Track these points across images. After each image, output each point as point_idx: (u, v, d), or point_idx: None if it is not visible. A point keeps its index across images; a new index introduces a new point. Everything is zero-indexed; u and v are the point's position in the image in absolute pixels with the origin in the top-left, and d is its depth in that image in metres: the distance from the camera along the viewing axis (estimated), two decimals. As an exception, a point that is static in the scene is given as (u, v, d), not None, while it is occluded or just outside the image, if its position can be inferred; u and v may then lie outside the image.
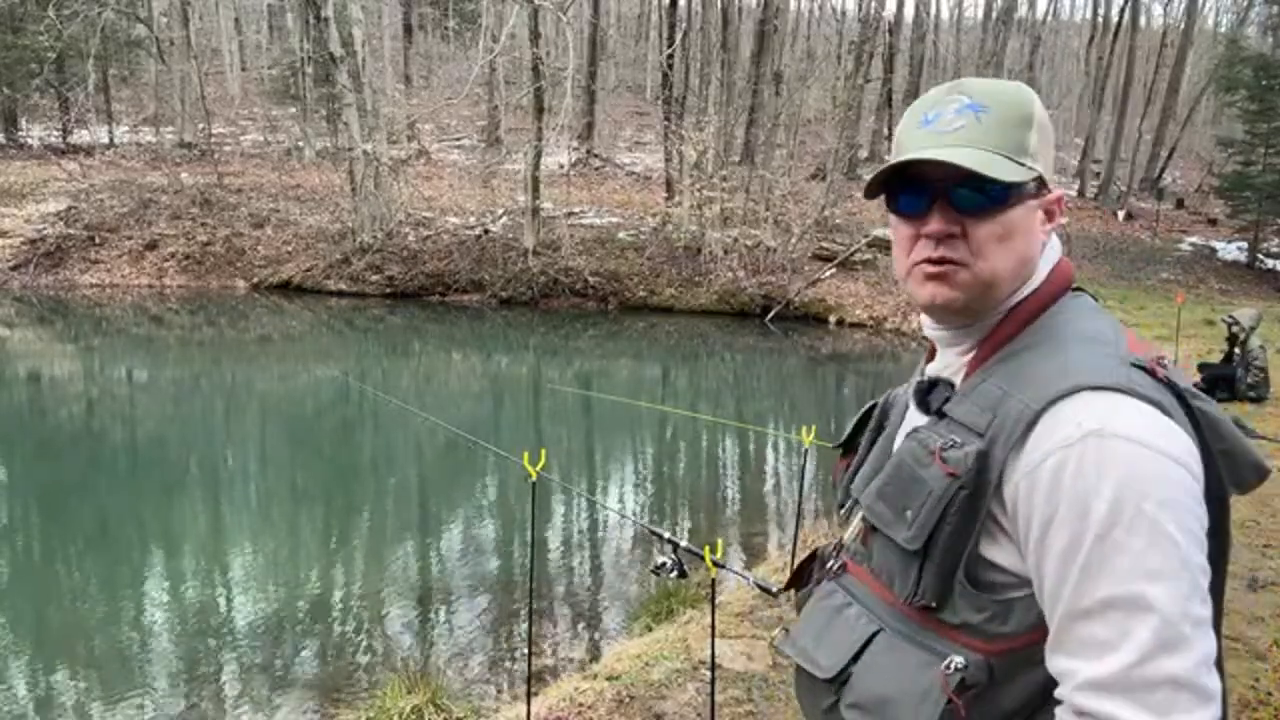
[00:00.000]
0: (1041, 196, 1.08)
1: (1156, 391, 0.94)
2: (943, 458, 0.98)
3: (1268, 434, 7.53)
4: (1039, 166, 1.06)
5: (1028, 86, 1.09)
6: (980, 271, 1.04)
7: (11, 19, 25.05)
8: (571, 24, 20.07)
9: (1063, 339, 1.02)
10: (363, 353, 15.70)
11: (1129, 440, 0.89)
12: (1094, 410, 0.91)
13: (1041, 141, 1.07)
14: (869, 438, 1.30)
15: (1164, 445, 0.89)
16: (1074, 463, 0.89)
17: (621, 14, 49.04)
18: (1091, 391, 0.92)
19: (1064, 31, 50.11)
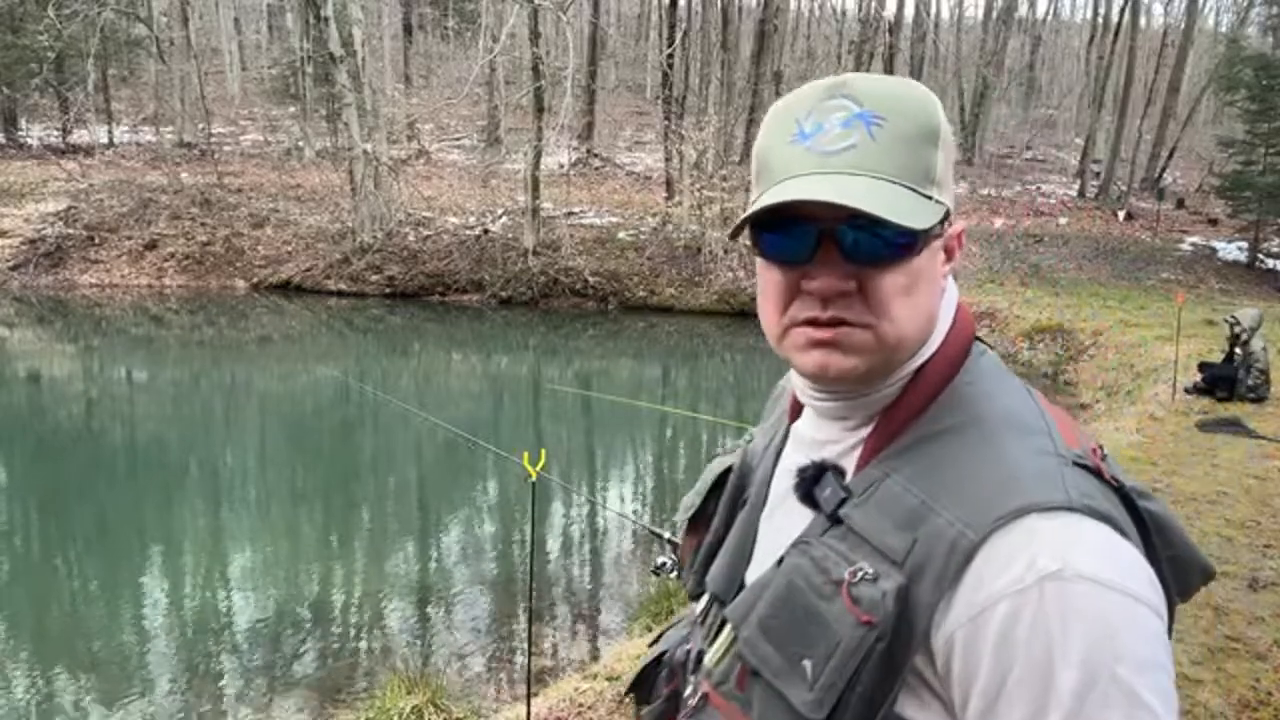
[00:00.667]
0: (944, 233, 0.85)
1: (1108, 502, 0.76)
2: (852, 595, 0.76)
3: (1268, 434, 7.54)
4: (946, 198, 0.83)
5: (924, 86, 0.85)
6: (885, 334, 0.81)
7: (11, 19, 25.05)
8: (571, 24, 20.07)
9: (989, 425, 0.81)
10: (363, 353, 15.69)
11: (1096, 584, 0.70)
12: (1049, 543, 0.71)
13: (947, 163, 0.84)
14: (725, 510, 1.04)
15: (1134, 587, 0.71)
16: (1029, 615, 0.69)
17: (621, 14, 49.04)
18: (1042, 515, 0.73)
19: (1064, 31, 50.14)
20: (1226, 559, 4.86)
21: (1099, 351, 13.31)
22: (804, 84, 0.87)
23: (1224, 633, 3.99)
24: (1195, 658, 3.74)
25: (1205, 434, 7.65)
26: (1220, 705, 3.39)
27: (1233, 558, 4.88)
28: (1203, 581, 0.85)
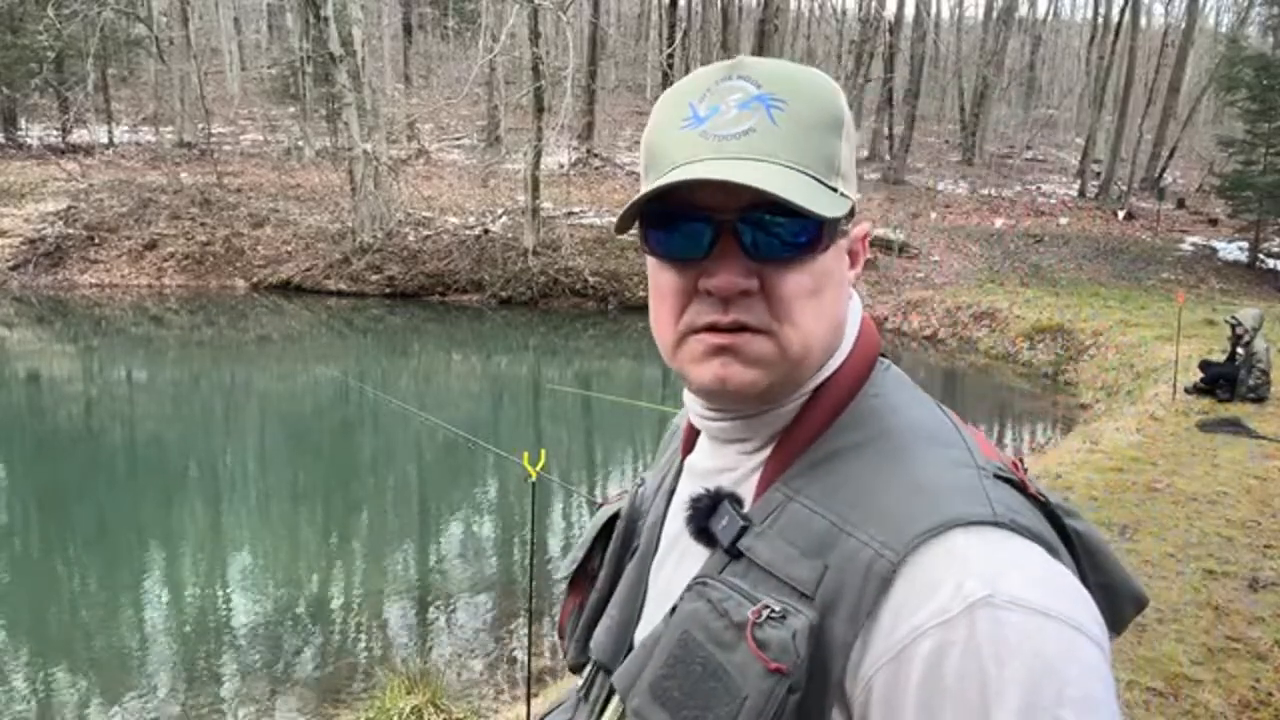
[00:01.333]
0: (849, 233, 0.78)
1: (1035, 518, 0.67)
2: (757, 639, 0.64)
3: (1268, 434, 7.54)
4: (850, 191, 0.74)
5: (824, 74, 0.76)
6: (788, 341, 0.72)
7: (11, 18, 25.05)
8: (571, 23, 20.06)
9: (899, 437, 0.72)
10: (362, 353, 15.69)
11: (1032, 611, 0.60)
12: (975, 563, 0.62)
13: (851, 155, 0.76)
14: (611, 563, 0.91)
15: (1075, 614, 0.61)
16: (958, 652, 0.59)
17: (621, 14, 49.04)
18: (966, 530, 0.63)
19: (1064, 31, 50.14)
20: (1227, 559, 4.86)
21: (1099, 351, 13.31)
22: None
23: (1224, 633, 3.99)
24: (1195, 658, 3.74)
25: (1206, 434, 7.65)
26: (1220, 705, 3.38)
27: (1233, 558, 4.87)
28: (1135, 612, 0.77)
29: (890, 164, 27.49)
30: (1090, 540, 0.73)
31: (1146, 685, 3.51)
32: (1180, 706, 3.38)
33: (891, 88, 29.03)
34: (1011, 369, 14.06)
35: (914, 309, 16.95)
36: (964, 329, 16.00)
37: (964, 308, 16.51)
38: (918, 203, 23.92)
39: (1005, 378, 13.66)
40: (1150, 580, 4.58)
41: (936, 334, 16.20)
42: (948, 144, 32.48)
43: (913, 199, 24.41)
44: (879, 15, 27.93)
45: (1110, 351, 13.04)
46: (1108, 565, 0.75)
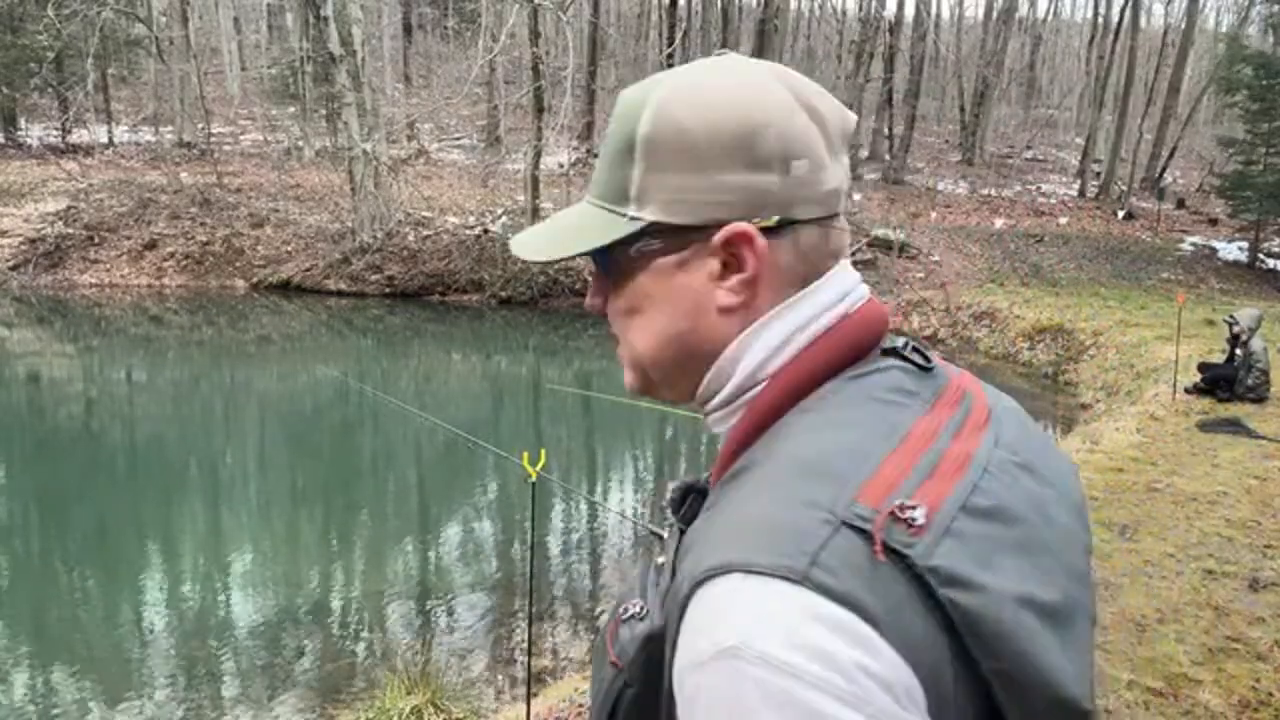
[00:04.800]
0: (688, 246, 0.72)
1: (858, 578, 0.56)
2: (617, 633, 0.69)
3: (1268, 434, 7.54)
4: (651, 212, 0.72)
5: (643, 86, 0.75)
6: (630, 352, 0.78)
7: (11, 18, 25.05)
8: (571, 23, 20.06)
9: (774, 465, 0.65)
10: (362, 353, 15.69)
11: (776, 670, 0.54)
12: (739, 610, 0.56)
13: (652, 170, 0.72)
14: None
15: (831, 680, 0.53)
16: (705, 699, 0.57)
17: (621, 13, 49.03)
18: (744, 576, 0.57)
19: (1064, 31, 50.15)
20: (1227, 559, 4.86)
21: (1099, 351, 13.31)
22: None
23: (1224, 633, 3.99)
24: (1195, 658, 3.74)
25: (1205, 434, 7.65)
26: (1220, 705, 3.38)
27: (1233, 558, 4.87)
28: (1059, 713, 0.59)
29: (890, 164, 27.49)
30: (978, 616, 0.57)
31: (1146, 685, 3.51)
32: (1180, 706, 3.38)
33: (891, 88, 29.03)
34: (1011, 369, 14.06)
35: (914, 309, 16.95)
36: (964, 329, 16.01)
37: (964, 308, 16.51)
38: (918, 203, 23.92)
39: (1005, 378, 13.66)
40: (1150, 580, 4.58)
41: (936, 334, 16.20)
42: (948, 144, 32.48)
43: (913, 199, 24.41)
44: (879, 15, 27.93)
45: (1110, 351, 13.05)
46: (1008, 651, 0.57)
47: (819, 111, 0.74)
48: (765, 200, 0.71)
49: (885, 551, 0.57)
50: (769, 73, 0.74)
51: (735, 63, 0.75)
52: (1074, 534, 0.69)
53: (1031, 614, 0.59)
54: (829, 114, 0.74)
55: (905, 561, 0.57)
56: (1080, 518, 0.72)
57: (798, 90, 0.73)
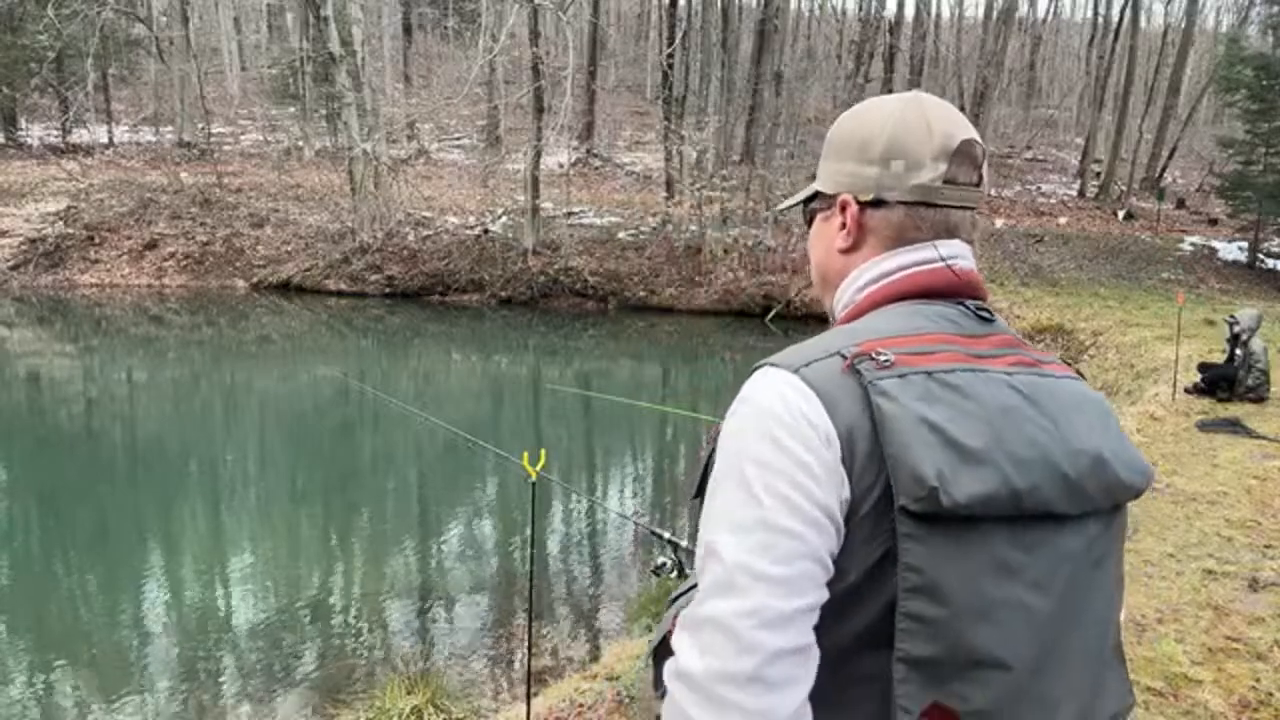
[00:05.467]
0: (831, 207, 1.12)
1: (827, 374, 0.93)
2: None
3: (1268, 434, 7.54)
4: (817, 185, 1.16)
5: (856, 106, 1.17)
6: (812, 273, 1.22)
7: (11, 19, 25.05)
8: (571, 23, 20.06)
9: (837, 331, 1.04)
10: (362, 353, 15.69)
11: (754, 406, 0.94)
12: (753, 381, 0.96)
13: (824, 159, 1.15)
14: None
15: (781, 412, 0.91)
16: (726, 428, 0.96)
17: (621, 13, 49.03)
18: (766, 367, 0.97)
19: (1064, 31, 50.12)
20: (1226, 559, 4.86)
21: (1099, 351, 13.31)
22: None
23: (1224, 633, 3.99)
24: (1195, 658, 3.74)
25: (1205, 434, 7.65)
26: (1220, 705, 3.38)
27: (1233, 558, 4.87)
28: (917, 489, 0.87)
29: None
30: (886, 413, 0.90)
31: (1146, 685, 3.51)
32: (1180, 706, 3.38)
33: (891, 88, 29.04)
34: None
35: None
36: (964, 329, 15.98)
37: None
38: (918, 203, 23.87)
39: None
40: (1150, 580, 4.58)
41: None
42: (948, 144, 32.44)
43: (913, 199, 24.37)
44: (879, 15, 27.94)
45: (1110, 351, 13.05)
46: (895, 441, 0.89)
47: (935, 128, 1.06)
48: (866, 184, 1.09)
49: (849, 369, 0.94)
50: (910, 100, 1.10)
51: (892, 96, 1.13)
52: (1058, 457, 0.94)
53: (929, 431, 0.89)
54: (946, 132, 1.06)
55: (860, 377, 0.93)
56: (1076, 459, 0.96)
57: (925, 112, 1.08)
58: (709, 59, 22.42)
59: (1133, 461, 1.01)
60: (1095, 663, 1.00)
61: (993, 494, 0.89)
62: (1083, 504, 0.96)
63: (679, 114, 21.12)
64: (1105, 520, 1.00)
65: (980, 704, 0.90)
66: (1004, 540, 0.91)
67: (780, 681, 0.85)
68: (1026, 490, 0.91)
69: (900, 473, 0.88)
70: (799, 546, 0.87)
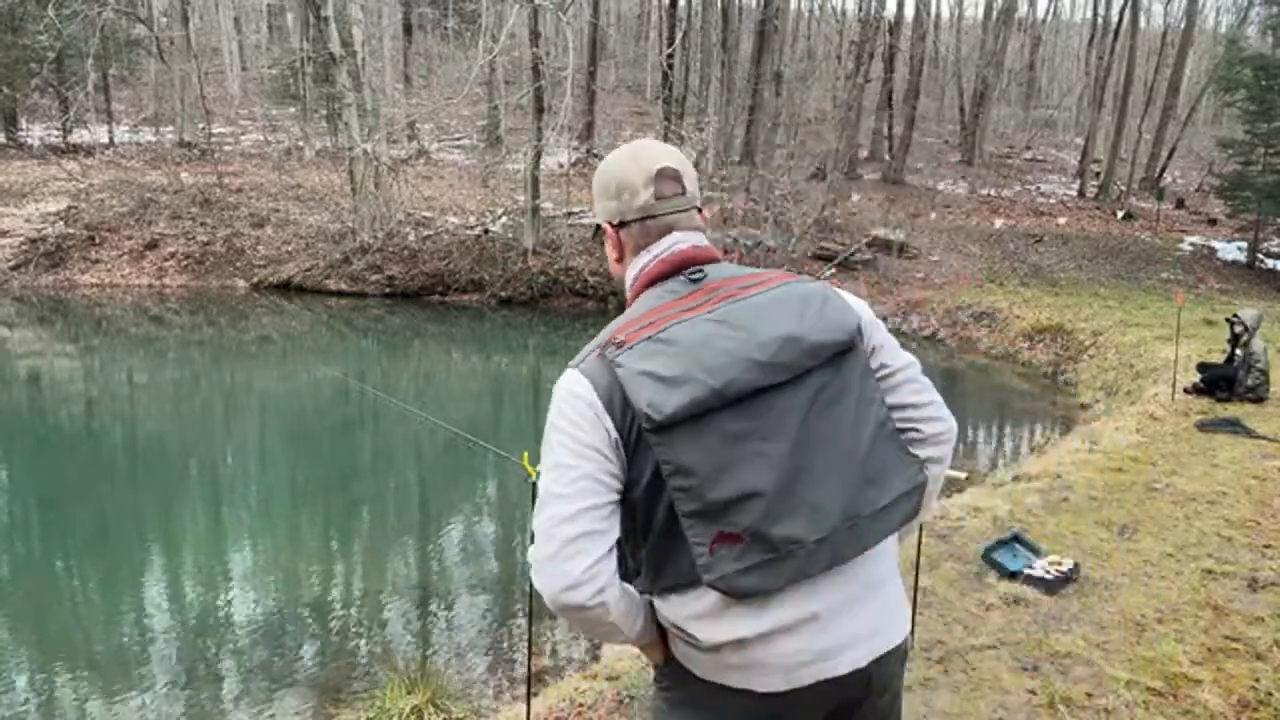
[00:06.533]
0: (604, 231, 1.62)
1: (592, 363, 1.42)
2: None
3: (1267, 434, 7.54)
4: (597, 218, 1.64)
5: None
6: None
7: (11, 19, 25.04)
8: (571, 24, 20.06)
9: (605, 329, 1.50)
10: (363, 353, 15.70)
11: (554, 394, 1.44)
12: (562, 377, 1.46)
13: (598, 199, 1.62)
14: None
15: (563, 394, 1.43)
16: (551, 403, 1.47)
17: (621, 14, 49.03)
18: (566, 369, 1.47)
19: (1064, 31, 50.13)
20: (1226, 559, 4.86)
21: (1099, 351, 13.31)
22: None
23: (1224, 633, 3.99)
24: (1195, 658, 3.74)
25: (1205, 434, 7.66)
26: (1220, 705, 3.39)
27: (1232, 558, 4.88)
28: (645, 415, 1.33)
29: (890, 164, 27.49)
30: (620, 377, 1.38)
31: (1146, 685, 3.51)
32: (1180, 706, 3.39)
33: (891, 88, 29.03)
34: (1011, 369, 14.06)
35: (914, 309, 16.95)
36: (963, 329, 16.01)
37: (964, 308, 16.51)
38: (917, 203, 23.92)
39: (1005, 378, 13.67)
40: (1150, 580, 4.58)
41: (936, 334, 16.21)
42: (947, 144, 32.47)
43: (912, 199, 24.41)
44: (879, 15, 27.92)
45: (1110, 351, 13.05)
46: (627, 390, 1.37)
47: (639, 165, 1.55)
48: (612, 213, 1.58)
49: (600, 356, 1.42)
50: (630, 147, 1.59)
51: (624, 147, 1.60)
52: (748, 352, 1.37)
53: (645, 377, 1.35)
54: (646, 165, 1.54)
55: (607, 359, 1.40)
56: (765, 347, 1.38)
57: (636, 154, 1.57)
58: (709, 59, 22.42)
59: (824, 324, 1.42)
60: (851, 464, 1.39)
61: (697, 399, 1.33)
62: (789, 371, 1.38)
63: (679, 114, 21.13)
64: (829, 371, 1.41)
65: (749, 523, 1.34)
66: (729, 419, 1.35)
67: (572, 554, 1.35)
68: (723, 385, 1.34)
69: (634, 411, 1.36)
70: (574, 473, 1.37)
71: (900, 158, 27.14)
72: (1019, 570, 4.53)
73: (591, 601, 1.36)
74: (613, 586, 1.38)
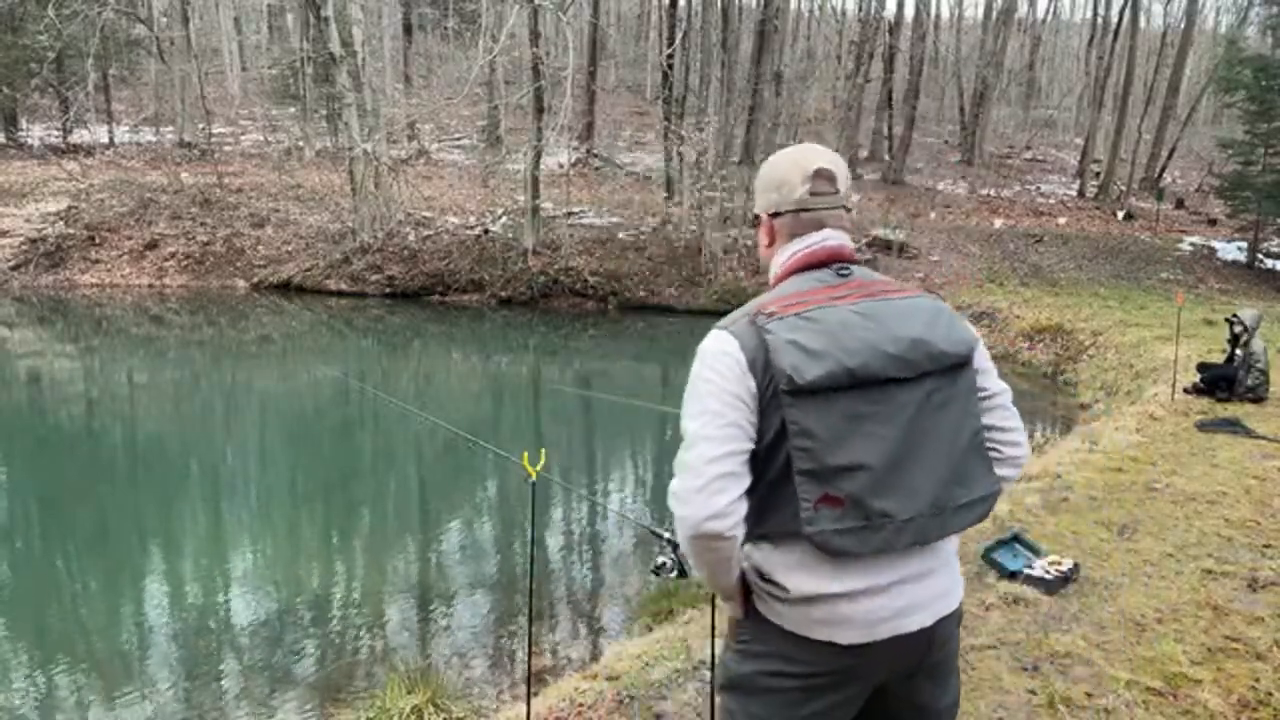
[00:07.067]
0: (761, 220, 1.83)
1: (742, 326, 1.64)
2: None
3: (1267, 434, 7.54)
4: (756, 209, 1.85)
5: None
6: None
7: (11, 19, 25.05)
8: (571, 24, 20.06)
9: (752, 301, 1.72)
10: (363, 353, 15.70)
11: (701, 350, 1.66)
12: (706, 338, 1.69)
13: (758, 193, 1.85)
14: None
15: (713, 350, 1.64)
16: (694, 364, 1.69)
17: (621, 14, 49.02)
18: (713, 329, 1.69)
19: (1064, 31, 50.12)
20: (1226, 559, 4.86)
21: (1099, 351, 13.31)
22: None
23: (1224, 633, 3.99)
24: (1195, 658, 3.75)
25: (1205, 434, 7.66)
26: (1220, 705, 3.39)
27: (1232, 558, 4.88)
28: (784, 378, 1.55)
29: (889, 164, 27.49)
30: (769, 342, 1.59)
31: (1146, 685, 3.52)
32: (1179, 706, 3.39)
33: (891, 88, 29.03)
34: (1011, 369, 14.06)
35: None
36: (964, 329, 15.97)
37: (963, 308, 16.51)
38: (917, 203, 23.91)
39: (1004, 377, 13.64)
40: (1149, 580, 4.59)
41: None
42: (947, 144, 32.47)
43: (912, 199, 24.41)
44: (879, 15, 27.92)
45: (1109, 351, 13.05)
46: (771, 354, 1.57)
47: (799, 164, 1.76)
48: (772, 204, 1.79)
49: (751, 322, 1.63)
50: (794, 149, 1.82)
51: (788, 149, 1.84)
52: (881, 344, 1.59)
53: (791, 346, 1.56)
54: (805, 165, 1.76)
55: (757, 325, 1.61)
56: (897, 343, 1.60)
57: (799, 154, 1.79)
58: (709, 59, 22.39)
59: (949, 337, 1.65)
60: (946, 463, 1.61)
61: (832, 373, 1.54)
62: (912, 368, 1.59)
63: (679, 114, 21.11)
64: (944, 377, 1.63)
65: (852, 490, 1.55)
66: (853, 399, 1.56)
67: (719, 489, 1.57)
68: (857, 367, 1.55)
69: (776, 371, 1.56)
70: (722, 420, 1.58)
71: (900, 158, 27.14)
72: (1019, 570, 4.54)
73: (730, 532, 1.58)
74: (743, 525, 1.60)
